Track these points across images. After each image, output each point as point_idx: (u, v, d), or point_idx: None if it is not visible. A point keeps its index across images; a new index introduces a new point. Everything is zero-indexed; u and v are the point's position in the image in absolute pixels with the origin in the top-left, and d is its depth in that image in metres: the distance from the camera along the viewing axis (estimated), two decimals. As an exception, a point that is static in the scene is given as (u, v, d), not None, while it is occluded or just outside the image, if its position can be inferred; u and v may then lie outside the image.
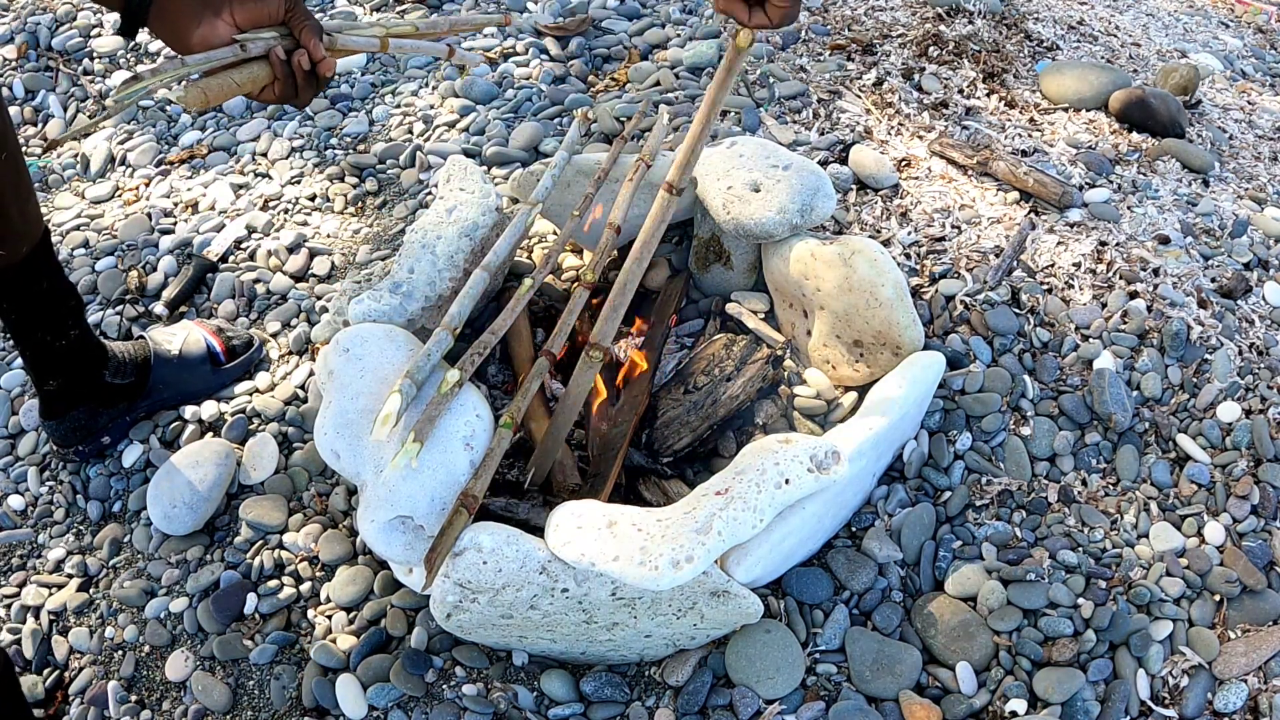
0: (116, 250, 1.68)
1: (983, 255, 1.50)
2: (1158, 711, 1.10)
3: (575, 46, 2.03)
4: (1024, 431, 1.32)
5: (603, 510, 0.99)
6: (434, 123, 1.87)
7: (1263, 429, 1.30)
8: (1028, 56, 2.06)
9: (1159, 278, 1.50)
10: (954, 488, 1.27)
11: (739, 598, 1.02)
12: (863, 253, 1.22)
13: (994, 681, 1.11)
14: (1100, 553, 1.22)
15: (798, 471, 0.98)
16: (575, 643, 1.08)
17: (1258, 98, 2.15)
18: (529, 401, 1.10)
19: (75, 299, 1.27)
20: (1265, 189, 1.76)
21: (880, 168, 1.61)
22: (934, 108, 1.83)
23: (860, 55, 1.96)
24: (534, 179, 1.43)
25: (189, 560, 1.27)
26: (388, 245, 1.63)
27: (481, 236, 1.30)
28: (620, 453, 1.18)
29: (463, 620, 1.04)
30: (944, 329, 1.40)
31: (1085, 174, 1.69)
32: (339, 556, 1.24)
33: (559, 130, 1.80)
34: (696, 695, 1.09)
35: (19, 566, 1.33)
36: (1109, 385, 1.32)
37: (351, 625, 1.19)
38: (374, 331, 1.15)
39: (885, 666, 1.11)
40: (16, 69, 2.09)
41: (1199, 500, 1.27)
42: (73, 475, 1.39)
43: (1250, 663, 1.13)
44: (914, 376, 1.16)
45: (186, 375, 1.41)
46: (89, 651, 1.23)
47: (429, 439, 1.00)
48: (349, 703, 1.11)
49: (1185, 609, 1.18)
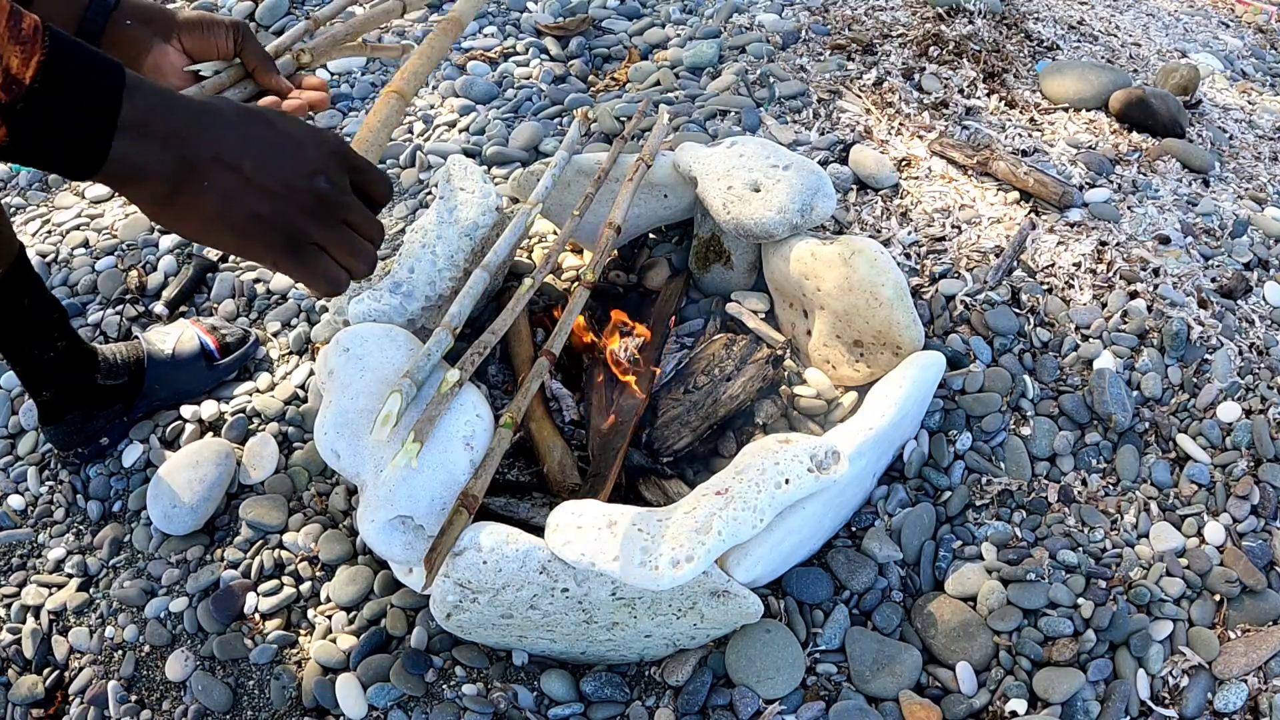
0: (116, 250, 1.68)
1: (983, 255, 1.50)
2: (1158, 711, 1.10)
3: (575, 46, 2.03)
4: (1024, 431, 1.32)
5: (603, 510, 0.99)
6: (434, 122, 1.87)
7: (1263, 429, 1.30)
8: (1028, 56, 2.06)
9: (1159, 278, 1.50)
10: (954, 488, 1.27)
11: (739, 598, 1.02)
12: (863, 253, 1.22)
13: (994, 681, 1.11)
14: (1100, 553, 1.22)
15: (798, 471, 0.98)
16: (575, 643, 1.08)
17: (1258, 98, 2.15)
18: (529, 401, 1.10)
19: (59, 311, 1.27)
20: (1265, 189, 1.76)
21: (880, 168, 1.61)
22: (934, 107, 1.83)
23: (860, 55, 1.96)
24: (534, 179, 1.43)
25: (189, 560, 1.27)
26: (388, 245, 1.63)
27: (481, 236, 1.30)
28: (620, 453, 1.18)
29: (463, 620, 1.04)
30: (944, 329, 1.40)
31: (1085, 174, 1.69)
32: (339, 556, 1.24)
33: (559, 130, 1.80)
34: (696, 695, 1.09)
35: (19, 566, 1.33)
36: (1109, 385, 1.32)
37: (351, 625, 1.19)
38: (374, 331, 1.15)
39: (885, 666, 1.11)
40: None
41: (1199, 500, 1.27)
42: (73, 475, 1.39)
43: (1250, 663, 1.13)
44: (914, 376, 1.15)
45: (181, 374, 1.41)
46: (89, 651, 1.23)
47: (429, 439, 1.00)
48: (349, 703, 1.11)
49: (1185, 609, 1.18)
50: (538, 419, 1.23)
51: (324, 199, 0.66)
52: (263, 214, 0.64)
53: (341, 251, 0.68)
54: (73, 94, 0.56)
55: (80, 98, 0.57)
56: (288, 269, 0.66)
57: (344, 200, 0.68)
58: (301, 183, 0.65)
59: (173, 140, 0.60)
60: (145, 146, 0.59)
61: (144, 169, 0.60)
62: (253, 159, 0.63)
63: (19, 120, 0.55)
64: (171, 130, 0.60)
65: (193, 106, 0.62)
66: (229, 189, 0.62)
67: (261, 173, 0.63)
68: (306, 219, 0.66)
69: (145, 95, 0.59)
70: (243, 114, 0.65)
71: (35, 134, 0.56)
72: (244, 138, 0.64)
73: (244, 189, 0.63)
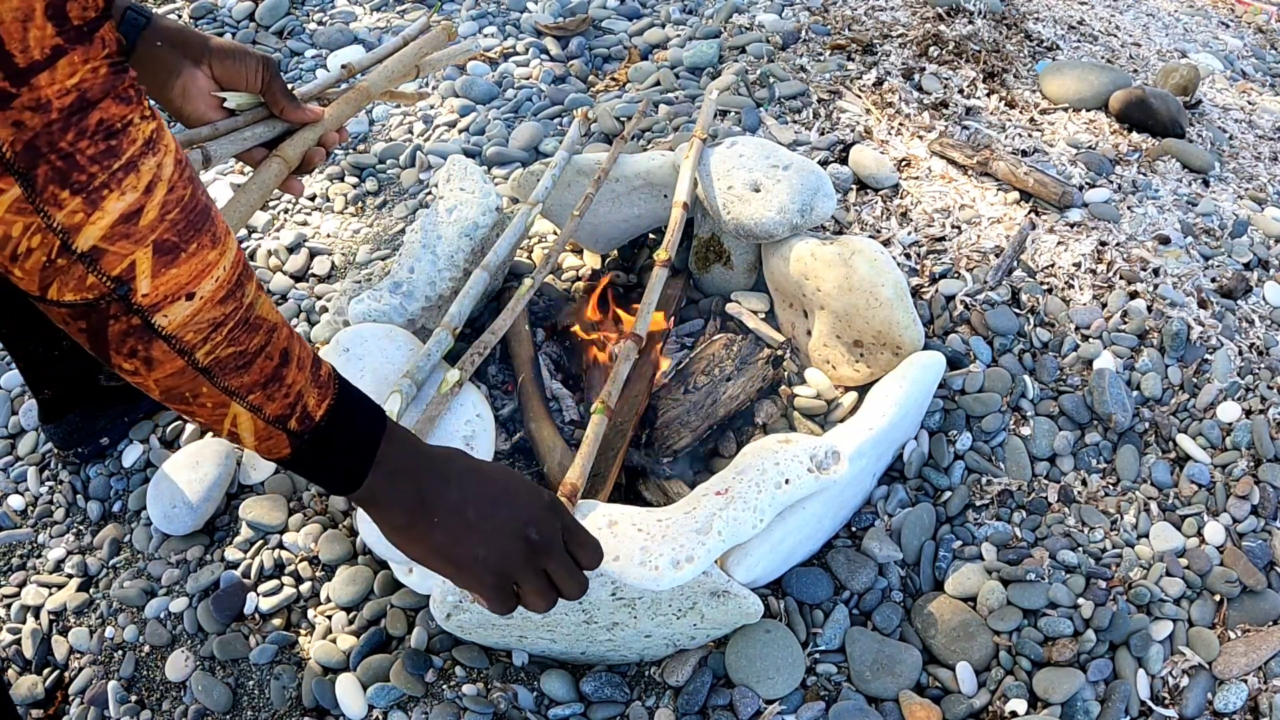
0: (116, 250, 1.68)
1: (983, 255, 1.50)
2: (1158, 711, 1.10)
3: (575, 46, 2.03)
4: (1024, 431, 1.32)
5: (603, 510, 0.99)
6: (434, 122, 1.87)
7: (1263, 429, 1.30)
8: (1028, 56, 2.06)
9: (1159, 278, 1.50)
10: (954, 488, 1.27)
11: (739, 598, 1.02)
12: (863, 253, 1.22)
13: (994, 681, 1.11)
14: (1100, 553, 1.22)
15: (798, 471, 0.98)
16: (575, 643, 1.08)
17: (1258, 98, 2.15)
18: (620, 386, 1.09)
19: None
20: (1265, 189, 1.76)
21: (880, 168, 1.61)
22: (934, 108, 1.83)
23: (860, 55, 1.96)
24: (534, 179, 1.43)
25: (189, 560, 1.27)
26: (388, 245, 1.63)
27: (481, 236, 1.30)
28: (620, 453, 1.18)
29: (463, 620, 1.04)
30: (944, 329, 1.40)
31: (1085, 174, 1.69)
32: (339, 556, 1.24)
33: (559, 130, 1.80)
34: (696, 695, 1.09)
35: (19, 566, 1.33)
36: (1109, 385, 1.32)
37: (351, 625, 1.19)
38: (374, 331, 1.15)
39: (885, 666, 1.11)
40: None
41: (1199, 500, 1.27)
42: (73, 475, 1.39)
43: (1250, 663, 1.13)
44: (914, 376, 1.15)
45: None
46: (89, 651, 1.23)
47: (429, 439, 1.00)
48: (349, 703, 1.11)
49: (1185, 609, 1.18)
50: (538, 419, 1.23)
51: (535, 548, 0.74)
52: (480, 555, 0.73)
53: (531, 594, 0.75)
54: (348, 434, 0.68)
55: (353, 438, 0.69)
56: (486, 599, 0.75)
57: (552, 551, 0.75)
58: (517, 530, 0.74)
59: (414, 482, 0.71)
60: (393, 484, 0.70)
61: (389, 501, 0.71)
62: (477, 506, 0.73)
63: (303, 446, 0.66)
64: (415, 474, 0.72)
65: (433, 457, 0.74)
66: (456, 529, 0.72)
67: (484, 519, 0.73)
68: (517, 564, 0.74)
69: (399, 443, 0.71)
70: (473, 468, 0.76)
71: (312, 460, 0.67)
72: (472, 486, 0.74)
73: (467, 531, 0.72)
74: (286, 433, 0.65)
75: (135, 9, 0.88)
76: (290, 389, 0.64)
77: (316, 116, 0.95)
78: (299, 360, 0.64)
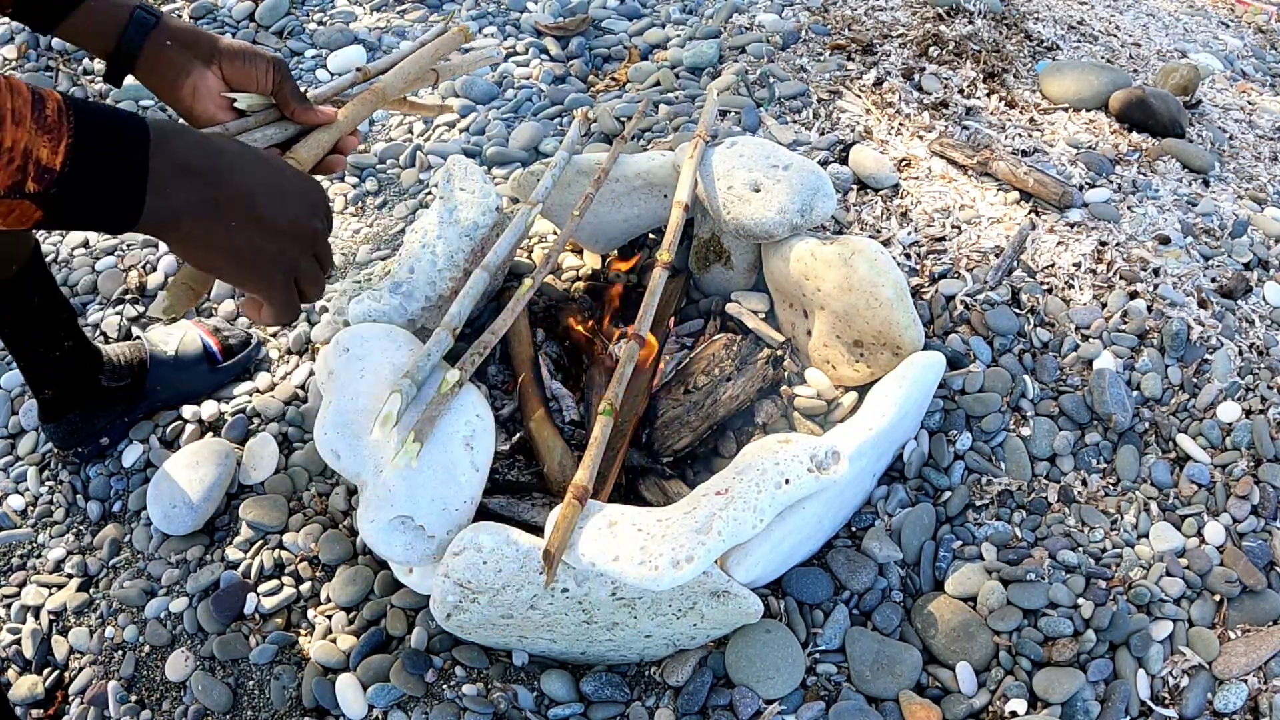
0: (116, 250, 1.68)
1: (983, 255, 1.50)
2: (1158, 711, 1.10)
3: (575, 46, 2.03)
4: (1024, 431, 1.32)
5: (603, 510, 0.99)
6: (434, 122, 1.87)
7: (1263, 429, 1.30)
8: (1028, 56, 2.06)
9: (1159, 278, 1.50)
10: (954, 488, 1.27)
11: (739, 598, 1.02)
12: (863, 253, 1.22)
13: (994, 681, 1.11)
14: (1100, 553, 1.22)
15: (798, 471, 0.98)
16: (575, 643, 1.08)
17: (1258, 98, 2.15)
18: (624, 387, 1.09)
19: (68, 311, 1.28)
20: (1265, 189, 1.76)
21: (880, 168, 1.61)
22: (934, 108, 1.83)
23: (860, 55, 1.96)
24: (534, 179, 1.43)
25: (189, 560, 1.27)
26: (388, 245, 1.63)
27: (481, 236, 1.29)
28: (620, 453, 1.18)
29: (463, 620, 1.04)
30: (944, 329, 1.40)
31: (1085, 174, 1.69)
32: (339, 556, 1.24)
33: (559, 130, 1.80)
34: (696, 695, 1.09)
35: (19, 566, 1.33)
36: (1109, 385, 1.32)
37: (351, 625, 1.19)
38: (374, 331, 1.15)
39: (885, 666, 1.11)
40: (17, 69, 2.09)
41: (1199, 500, 1.27)
42: (73, 475, 1.39)
43: (1250, 663, 1.13)
44: (914, 376, 1.15)
45: (184, 375, 1.41)
46: (89, 651, 1.23)
47: (429, 439, 1.00)
48: (349, 703, 1.11)
49: (1185, 609, 1.18)
50: (538, 419, 1.23)
51: (316, 236, 0.72)
52: (270, 251, 0.69)
53: (307, 280, 0.73)
54: (105, 166, 0.59)
55: (113, 169, 0.59)
56: (270, 297, 0.71)
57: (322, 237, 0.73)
58: (304, 223, 0.71)
59: (199, 188, 0.64)
60: (175, 198, 0.62)
61: (178, 218, 0.63)
62: (266, 198, 0.68)
63: (54, 203, 0.57)
64: (199, 176, 0.64)
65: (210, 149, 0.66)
66: (249, 228, 0.67)
67: (275, 212, 0.68)
68: (302, 256, 0.71)
69: (169, 150, 0.62)
70: (249, 152, 0.69)
71: (70, 211, 0.58)
72: (254, 174, 0.68)
73: (258, 227, 0.67)
74: (27, 198, 0.56)
75: (144, 8, 0.87)
76: (12, 152, 0.54)
77: (329, 118, 0.94)
78: (13, 113, 0.54)
